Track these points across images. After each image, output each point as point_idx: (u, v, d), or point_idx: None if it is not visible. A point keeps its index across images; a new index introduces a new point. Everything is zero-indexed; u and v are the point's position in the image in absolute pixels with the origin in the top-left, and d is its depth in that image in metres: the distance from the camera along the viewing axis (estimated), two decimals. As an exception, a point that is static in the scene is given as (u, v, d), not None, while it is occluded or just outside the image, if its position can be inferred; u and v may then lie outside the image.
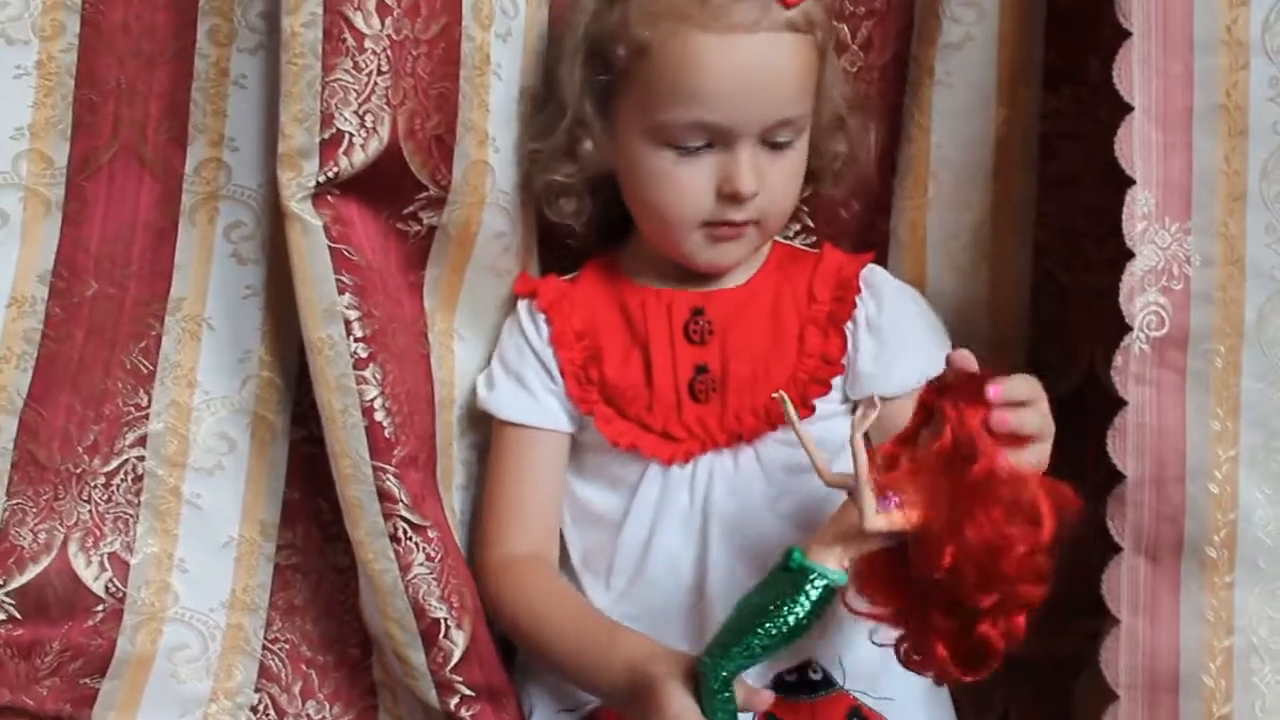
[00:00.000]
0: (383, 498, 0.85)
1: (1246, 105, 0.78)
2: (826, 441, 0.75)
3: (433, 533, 0.87)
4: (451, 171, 0.88)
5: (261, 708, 0.93)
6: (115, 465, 0.93)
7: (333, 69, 0.81)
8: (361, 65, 0.82)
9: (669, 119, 0.84)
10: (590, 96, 0.88)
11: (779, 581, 0.72)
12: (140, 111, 0.94)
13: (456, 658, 0.86)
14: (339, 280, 0.84)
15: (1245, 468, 0.78)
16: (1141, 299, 0.78)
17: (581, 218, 0.94)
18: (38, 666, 0.90)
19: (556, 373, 0.91)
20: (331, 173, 0.82)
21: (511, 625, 0.89)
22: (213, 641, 0.93)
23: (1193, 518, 0.78)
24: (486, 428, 0.96)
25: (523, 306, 0.94)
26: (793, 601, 0.71)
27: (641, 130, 0.86)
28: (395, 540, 0.85)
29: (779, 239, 0.96)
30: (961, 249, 0.96)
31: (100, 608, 0.92)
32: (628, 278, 0.94)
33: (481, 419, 0.96)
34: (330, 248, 0.83)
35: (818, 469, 0.74)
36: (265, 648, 0.94)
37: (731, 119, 0.83)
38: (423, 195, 0.87)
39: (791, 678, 0.84)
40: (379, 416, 0.85)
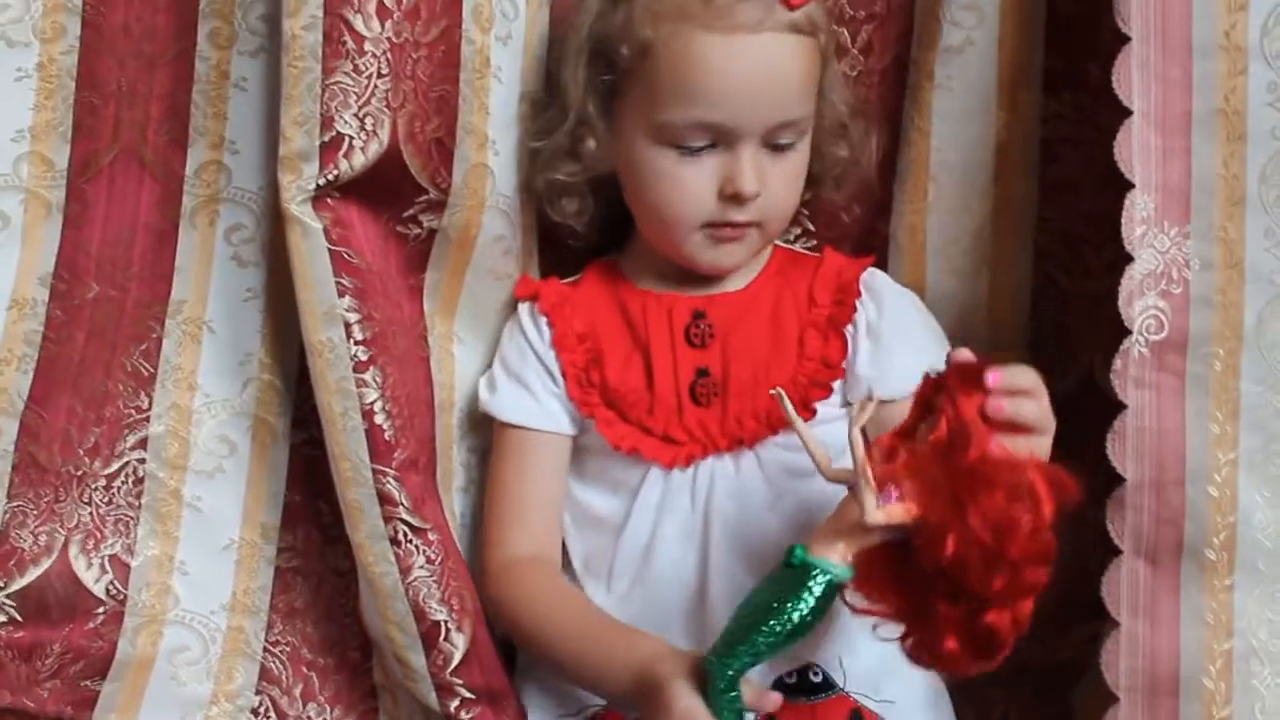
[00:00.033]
0: (383, 501, 0.85)
1: (1245, 110, 0.78)
2: (827, 445, 0.75)
3: (433, 535, 0.87)
4: (451, 174, 0.88)
5: (262, 710, 0.93)
6: (116, 468, 0.93)
7: (333, 72, 0.82)
8: (361, 68, 0.82)
9: (672, 118, 0.84)
10: (594, 97, 0.88)
11: (782, 579, 0.72)
12: (141, 114, 0.94)
13: (457, 660, 0.86)
14: (339, 283, 0.84)
15: (1244, 471, 0.78)
16: (1141, 303, 0.78)
17: (584, 218, 0.94)
18: (38, 669, 0.90)
19: (558, 375, 0.91)
20: (331, 175, 0.82)
21: (515, 627, 0.89)
22: (213, 644, 0.93)
23: (1192, 521, 0.78)
24: (487, 430, 0.96)
25: (524, 309, 0.94)
26: (796, 599, 0.71)
27: (644, 130, 0.86)
28: (395, 543, 0.85)
29: (780, 243, 0.96)
30: (961, 253, 0.96)
31: (101, 610, 0.92)
32: (629, 281, 0.94)
33: (482, 422, 0.96)
34: (330, 250, 0.84)
35: (817, 463, 0.74)
36: (266, 650, 0.94)
37: (734, 119, 0.84)
38: (423, 198, 0.87)
39: (792, 680, 0.84)
40: (379, 419, 0.85)
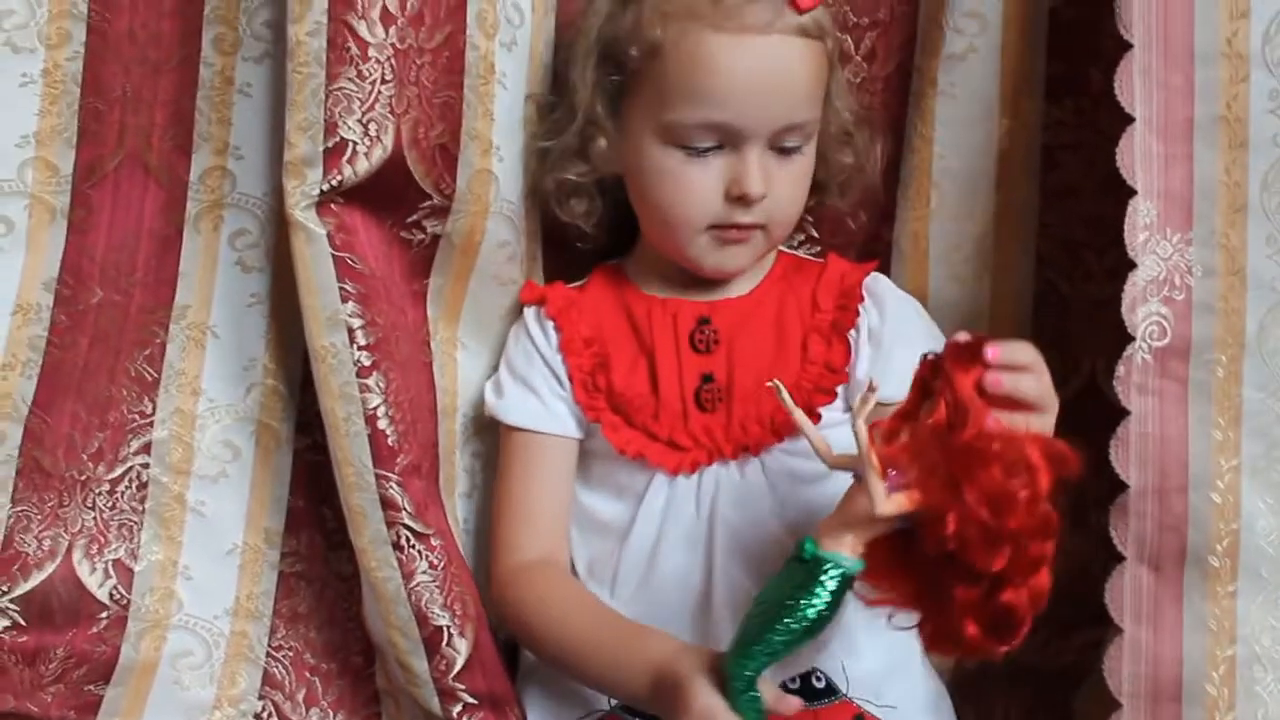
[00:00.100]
0: (386, 506, 0.85)
1: (1247, 117, 0.78)
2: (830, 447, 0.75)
3: (436, 541, 0.87)
4: (455, 180, 0.88)
5: (265, 715, 0.93)
6: (120, 472, 0.93)
7: (337, 78, 0.82)
8: (365, 74, 0.82)
9: (679, 119, 0.85)
10: (602, 98, 0.89)
11: (794, 575, 0.71)
12: (145, 119, 0.94)
13: (459, 665, 0.86)
14: (342, 288, 0.84)
15: (1247, 477, 0.78)
16: (1143, 309, 0.78)
17: (592, 218, 0.94)
18: (42, 673, 0.90)
19: (565, 379, 0.91)
20: (335, 181, 0.82)
21: (526, 631, 0.88)
22: (216, 649, 0.93)
23: (1195, 527, 0.78)
24: (490, 436, 0.96)
25: (530, 314, 0.94)
26: (810, 594, 0.70)
27: (652, 130, 0.86)
28: (398, 548, 0.85)
29: (784, 248, 0.96)
30: (963, 260, 0.96)
31: (104, 614, 0.92)
32: (634, 286, 0.94)
33: (485, 427, 0.96)
34: (334, 256, 0.84)
35: (819, 451, 0.74)
36: (269, 655, 0.94)
37: (741, 120, 0.84)
38: (426, 204, 0.88)
39: (795, 685, 0.84)
40: (382, 425, 0.85)
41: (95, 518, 0.93)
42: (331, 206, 0.84)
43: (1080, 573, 0.82)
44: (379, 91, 0.82)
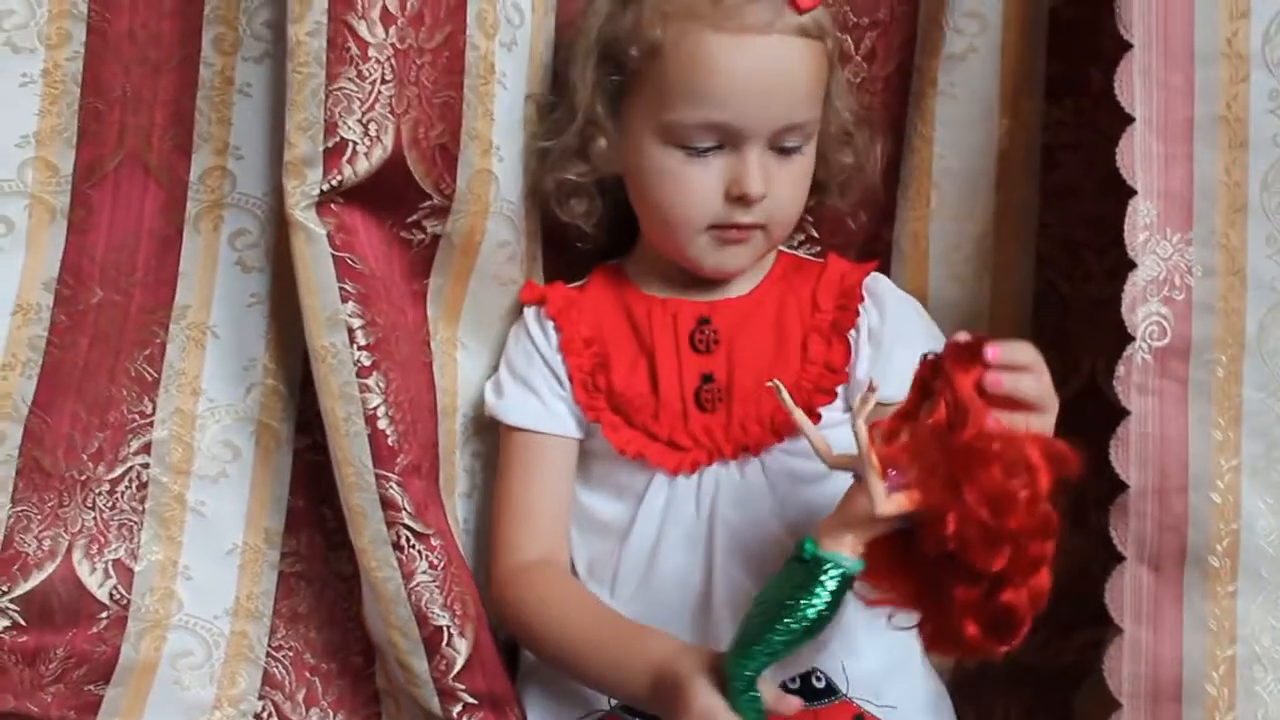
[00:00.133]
0: (386, 506, 0.85)
1: (1247, 117, 0.78)
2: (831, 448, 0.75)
3: (435, 541, 0.87)
4: (455, 180, 0.88)
5: (265, 715, 0.93)
6: (120, 472, 0.93)
7: (337, 78, 0.82)
8: (365, 74, 0.82)
9: (679, 118, 0.85)
10: (602, 98, 0.89)
11: (794, 575, 0.71)
12: (145, 119, 0.94)
13: (459, 665, 0.86)
14: (342, 288, 0.84)
15: (1247, 477, 0.78)
16: (1144, 309, 0.78)
17: (592, 218, 0.94)
18: (42, 673, 0.90)
19: (565, 379, 0.91)
20: (335, 181, 0.82)
21: (526, 631, 0.88)
22: (216, 649, 0.93)
23: (1195, 527, 0.78)
24: (490, 436, 0.96)
25: (530, 314, 0.94)
26: (810, 594, 0.70)
27: (652, 130, 0.86)
28: (398, 548, 0.85)
29: (784, 248, 0.96)
30: (963, 260, 0.96)
31: (104, 615, 0.92)
32: (634, 286, 0.94)
33: (485, 427, 0.96)
34: (334, 256, 0.84)
35: (818, 450, 0.74)
36: (269, 655, 0.94)
37: (741, 120, 0.84)
38: (426, 204, 0.88)
39: (795, 685, 0.84)
40: (382, 425, 0.85)
41: (95, 518, 0.93)
42: (331, 206, 0.84)
43: (1080, 573, 0.82)
44: (379, 91, 0.83)
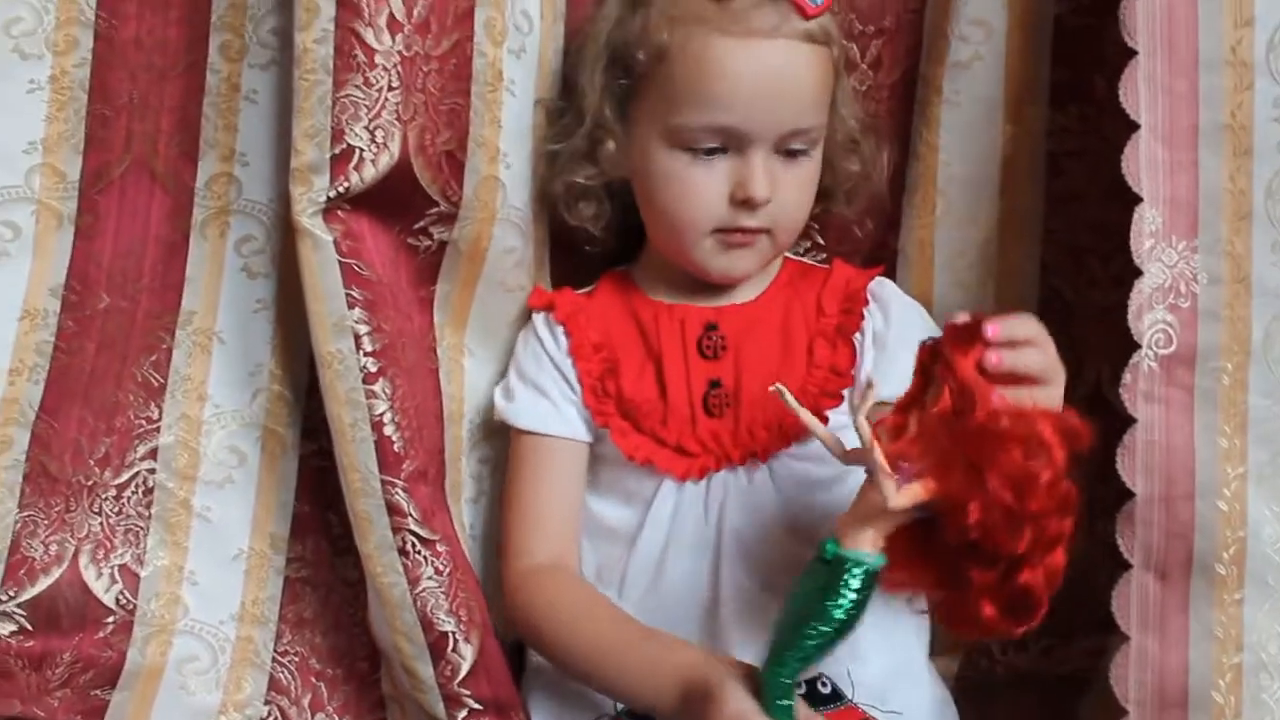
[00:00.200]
0: (392, 511, 0.85)
1: (1251, 125, 0.78)
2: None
3: (441, 546, 0.87)
4: (462, 187, 0.88)
5: (271, 720, 0.93)
6: (126, 478, 0.93)
7: (344, 85, 0.82)
8: (372, 81, 0.82)
9: (685, 121, 0.85)
10: (610, 101, 0.89)
11: (817, 577, 0.71)
12: (152, 126, 0.94)
13: (464, 671, 0.86)
14: (349, 295, 0.84)
15: (1254, 485, 0.78)
16: (1150, 316, 0.78)
17: (600, 222, 0.94)
18: (48, 678, 0.90)
19: (575, 383, 0.91)
20: (342, 188, 0.83)
21: (537, 635, 0.88)
22: (222, 654, 0.93)
23: (1202, 535, 0.78)
24: (496, 441, 0.96)
25: (539, 319, 0.94)
26: (836, 595, 0.70)
27: (658, 133, 0.87)
28: (404, 554, 0.85)
29: (789, 255, 0.96)
30: (968, 266, 0.96)
31: (110, 619, 0.92)
32: (641, 292, 0.94)
33: (492, 433, 0.96)
34: (341, 263, 0.84)
35: (828, 445, 0.73)
36: (275, 660, 0.94)
37: (746, 123, 0.84)
38: (433, 210, 0.88)
39: (801, 691, 0.84)
40: (388, 431, 0.85)
41: (102, 523, 0.93)
42: (338, 213, 0.84)
43: (1085, 579, 0.82)
44: (386, 98, 0.83)
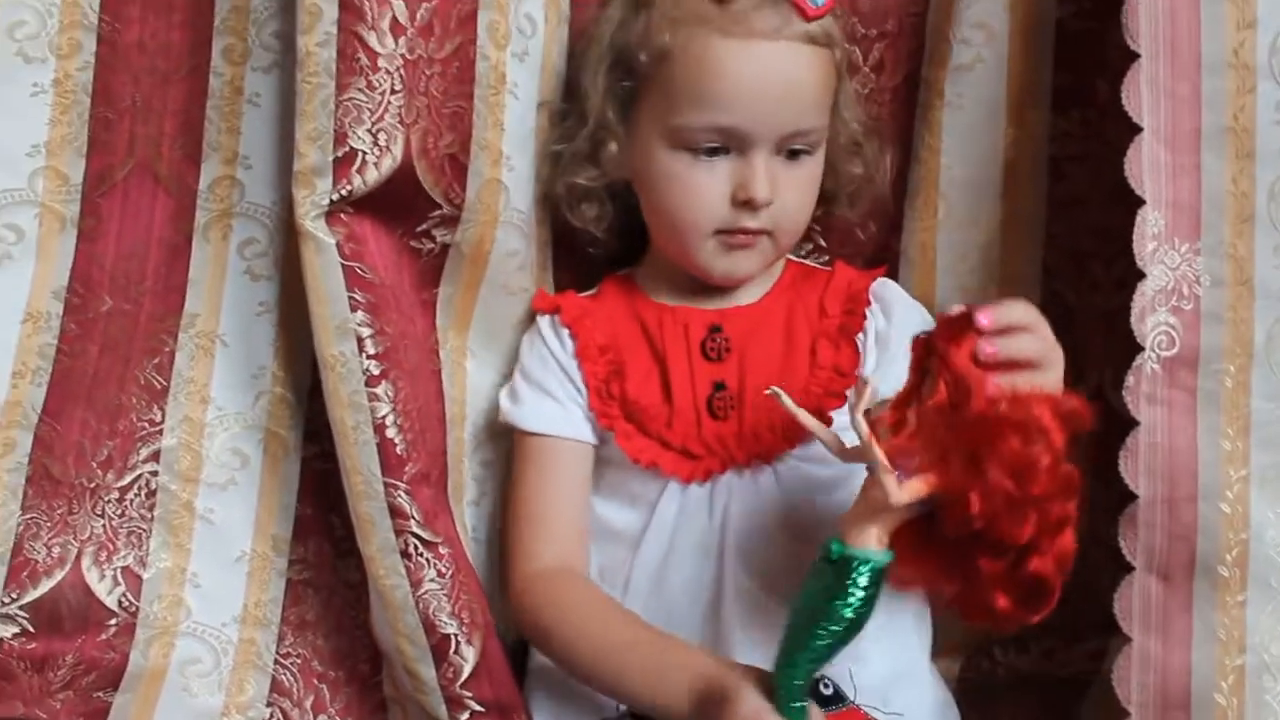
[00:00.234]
0: (394, 514, 0.85)
1: (1254, 128, 0.79)
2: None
3: (444, 549, 0.87)
4: (465, 190, 0.88)
5: (272, 722, 0.93)
6: (129, 480, 0.93)
7: (346, 88, 0.82)
8: (375, 84, 0.82)
9: (686, 122, 0.85)
10: (613, 103, 0.90)
11: (824, 577, 0.71)
12: (155, 129, 0.94)
13: (466, 673, 0.86)
14: (352, 298, 0.84)
15: (1256, 487, 0.78)
16: (1152, 319, 0.78)
17: (603, 223, 0.95)
18: (51, 680, 0.90)
19: (581, 385, 0.91)
20: (345, 191, 0.83)
21: (544, 638, 0.88)
22: (225, 656, 0.93)
23: (1205, 537, 0.78)
24: (499, 444, 0.96)
25: (544, 322, 0.94)
26: (844, 594, 0.69)
27: (660, 134, 0.87)
28: (406, 556, 0.86)
29: (792, 257, 0.96)
30: (970, 270, 0.96)
31: (113, 622, 0.92)
32: (644, 294, 0.94)
33: (494, 436, 0.96)
34: (343, 265, 0.84)
35: (827, 443, 0.73)
36: (277, 662, 0.94)
37: (748, 124, 0.85)
38: (436, 213, 0.88)
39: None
40: (390, 433, 0.85)
41: (104, 525, 0.93)
42: (341, 216, 0.84)
43: (1087, 582, 0.82)
44: (388, 102, 0.83)
